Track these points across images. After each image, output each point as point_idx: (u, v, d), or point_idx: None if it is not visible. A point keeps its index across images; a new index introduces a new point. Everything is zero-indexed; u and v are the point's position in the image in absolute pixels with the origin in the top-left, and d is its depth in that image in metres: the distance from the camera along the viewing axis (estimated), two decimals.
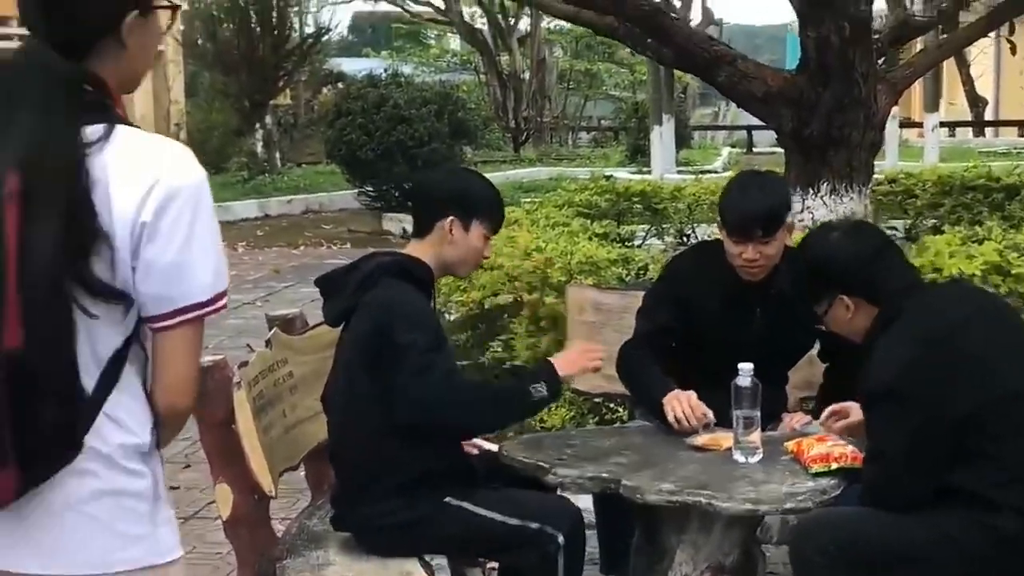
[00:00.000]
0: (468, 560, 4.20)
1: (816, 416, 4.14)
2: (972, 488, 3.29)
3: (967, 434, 3.28)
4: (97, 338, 2.14)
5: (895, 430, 3.35)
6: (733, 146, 29.05)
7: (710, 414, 3.93)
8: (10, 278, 2.04)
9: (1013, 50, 8.27)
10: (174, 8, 2.30)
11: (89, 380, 2.13)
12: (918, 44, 11.23)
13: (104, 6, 2.18)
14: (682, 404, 3.94)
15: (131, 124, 2.20)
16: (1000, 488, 3.26)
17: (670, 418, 3.94)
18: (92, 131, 2.12)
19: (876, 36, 7.30)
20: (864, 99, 6.77)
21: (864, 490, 3.46)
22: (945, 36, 8.22)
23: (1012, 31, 7.60)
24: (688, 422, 3.89)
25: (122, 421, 2.18)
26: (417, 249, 3.76)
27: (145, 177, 2.11)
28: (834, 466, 3.54)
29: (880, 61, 7.25)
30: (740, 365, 3.71)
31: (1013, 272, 5.07)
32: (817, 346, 4.38)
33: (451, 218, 3.70)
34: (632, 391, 4.34)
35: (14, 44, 16.89)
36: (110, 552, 2.19)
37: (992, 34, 19.05)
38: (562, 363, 3.69)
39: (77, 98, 2.15)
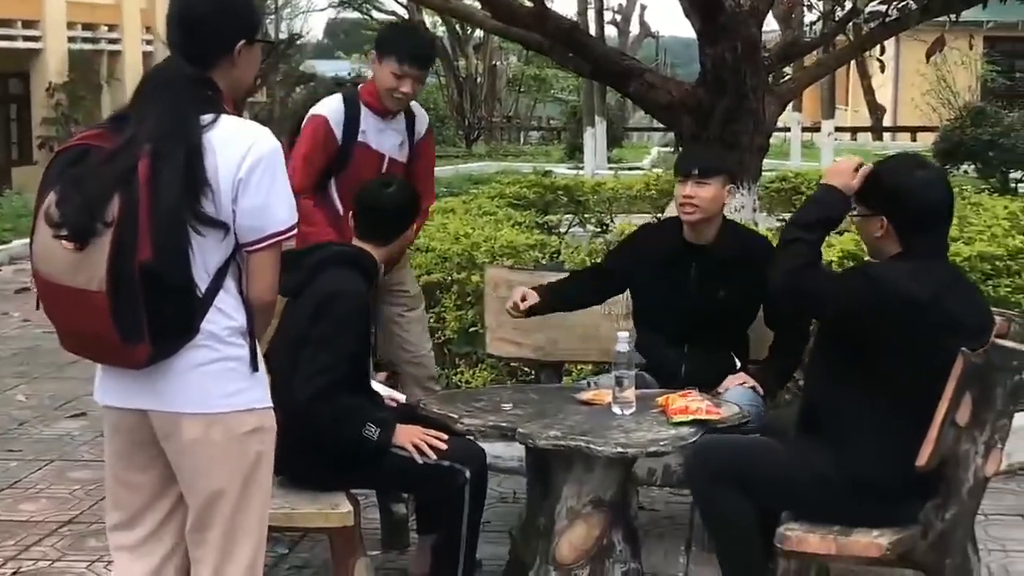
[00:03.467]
0: (393, 495, 4.46)
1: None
2: (854, 438, 3.48)
3: (877, 378, 3.45)
4: (206, 254, 2.77)
5: (844, 294, 3.49)
6: (665, 146, 29.22)
7: (531, 297, 4.38)
8: (143, 210, 2.65)
9: (882, 68, 8.57)
10: (271, 44, 2.95)
11: (202, 284, 2.78)
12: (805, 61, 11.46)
13: (226, 36, 2.89)
14: (515, 295, 4.43)
15: (234, 115, 2.85)
16: (876, 442, 3.46)
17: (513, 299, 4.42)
18: (205, 117, 2.77)
19: (766, 54, 7.49)
20: (754, 109, 6.91)
21: (788, 270, 3.58)
22: (825, 55, 8.45)
23: (882, 52, 7.86)
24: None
25: (226, 311, 2.82)
26: (374, 246, 4.00)
27: (240, 147, 2.76)
28: (691, 418, 3.75)
29: (769, 76, 7.45)
30: (618, 333, 3.97)
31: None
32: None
33: (414, 225, 4.16)
34: None
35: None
36: (218, 398, 2.83)
37: (891, 48, 19.36)
38: (401, 430, 3.79)
39: (198, 95, 2.80)
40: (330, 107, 4.72)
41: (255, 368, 2.89)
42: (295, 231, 2.90)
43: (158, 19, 22.57)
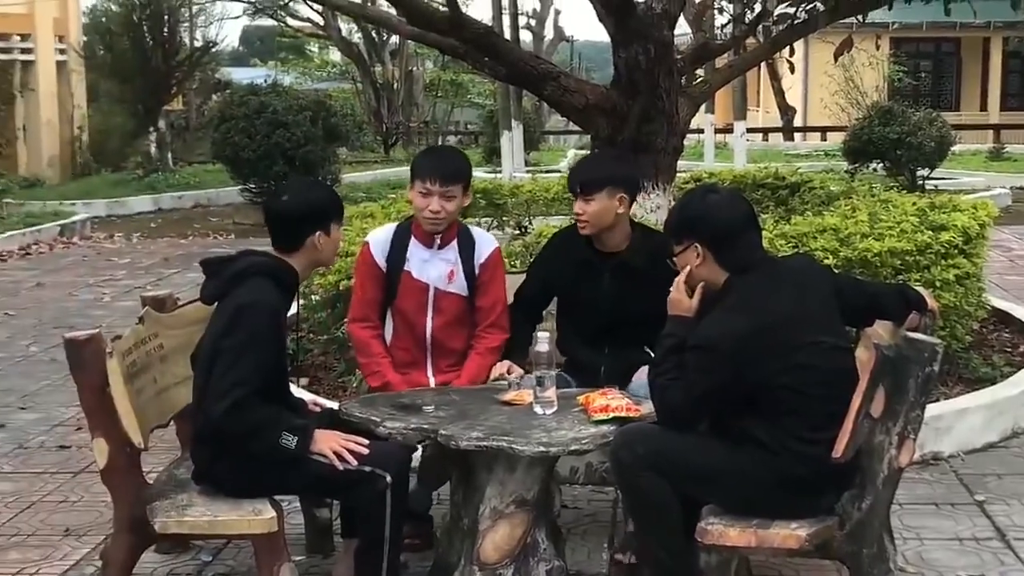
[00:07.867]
0: (316, 500, 4.42)
1: None
2: (760, 436, 3.54)
3: (760, 395, 3.52)
4: None
5: (702, 375, 3.56)
6: (582, 148, 29.29)
7: (515, 369, 4.35)
8: None
9: (792, 69, 8.69)
10: None
11: None
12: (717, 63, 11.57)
13: None
14: (500, 368, 4.41)
15: None
16: (782, 438, 3.51)
17: (494, 375, 4.40)
18: None
19: (679, 56, 7.54)
20: (667, 111, 6.96)
21: (659, 405, 3.70)
22: (736, 58, 8.54)
23: (792, 54, 7.97)
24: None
25: None
26: (289, 256, 3.95)
27: None
28: (612, 415, 3.77)
29: (682, 78, 7.49)
30: (538, 333, 3.97)
31: (780, 256, 5.37)
32: None
33: (318, 233, 3.95)
34: None
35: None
36: None
37: (800, 50, 19.65)
38: (320, 436, 3.77)
39: None
40: (376, 234, 4.59)
41: None
42: None
43: (71, 28, 22.33)
